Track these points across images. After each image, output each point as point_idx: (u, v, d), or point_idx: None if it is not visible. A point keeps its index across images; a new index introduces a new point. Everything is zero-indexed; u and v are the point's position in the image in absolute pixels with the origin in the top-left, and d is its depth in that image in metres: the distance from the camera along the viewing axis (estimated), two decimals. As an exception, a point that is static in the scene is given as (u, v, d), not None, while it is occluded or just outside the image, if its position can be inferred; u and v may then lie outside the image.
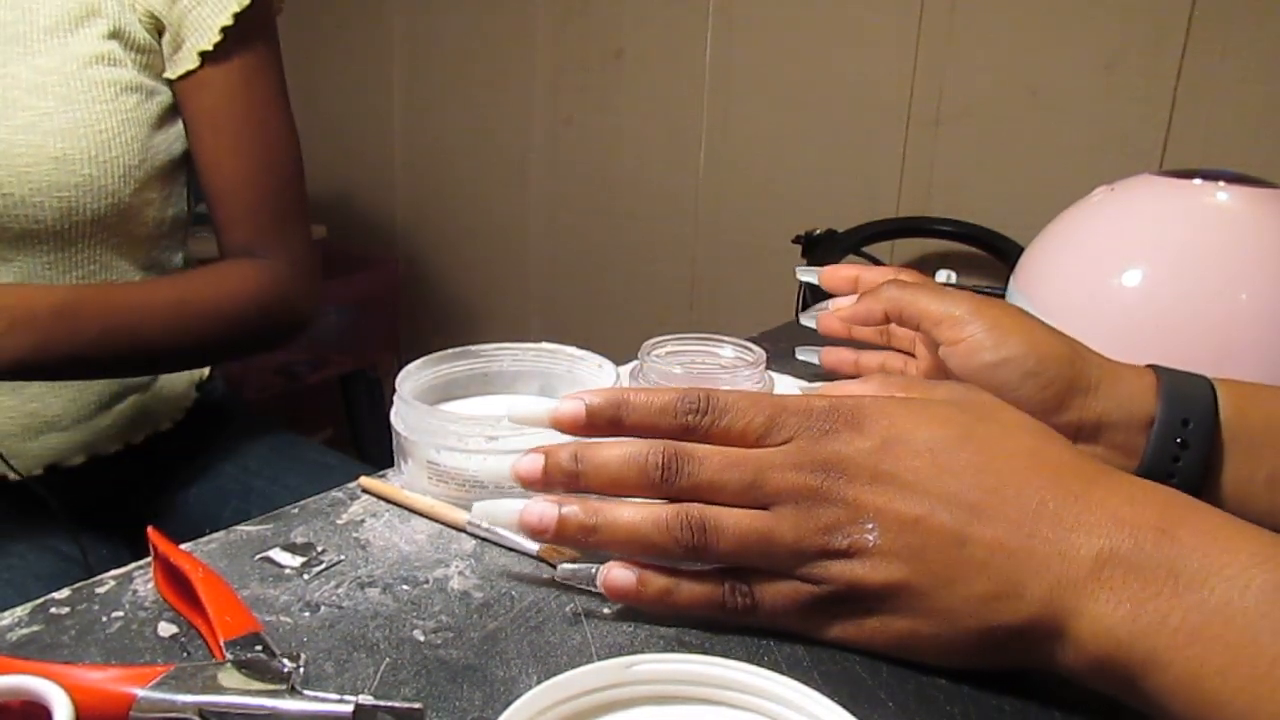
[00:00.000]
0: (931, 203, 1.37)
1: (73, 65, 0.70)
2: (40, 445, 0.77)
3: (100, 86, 0.72)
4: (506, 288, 1.94)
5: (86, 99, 0.71)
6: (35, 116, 0.69)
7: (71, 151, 0.70)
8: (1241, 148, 1.13)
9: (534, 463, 0.40)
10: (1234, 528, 0.33)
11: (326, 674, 0.36)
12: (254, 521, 0.48)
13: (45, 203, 0.70)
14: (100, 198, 0.73)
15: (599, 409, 0.40)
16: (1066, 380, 0.45)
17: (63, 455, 0.79)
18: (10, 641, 0.38)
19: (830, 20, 1.41)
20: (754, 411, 0.39)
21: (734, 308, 1.61)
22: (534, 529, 0.40)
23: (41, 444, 0.77)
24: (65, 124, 0.70)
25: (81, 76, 0.71)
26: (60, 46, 0.70)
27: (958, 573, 0.35)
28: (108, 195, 0.73)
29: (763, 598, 0.38)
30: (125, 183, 0.73)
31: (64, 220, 0.72)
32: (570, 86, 1.73)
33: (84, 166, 0.71)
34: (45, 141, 0.69)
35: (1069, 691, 0.36)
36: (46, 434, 0.77)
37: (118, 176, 0.73)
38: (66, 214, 0.72)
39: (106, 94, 0.72)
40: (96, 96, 0.71)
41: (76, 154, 0.70)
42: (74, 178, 0.71)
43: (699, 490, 0.38)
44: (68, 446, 0.79)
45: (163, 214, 0.79)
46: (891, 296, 0.53)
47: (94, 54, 0.72)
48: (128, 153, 0.73)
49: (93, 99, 0.71)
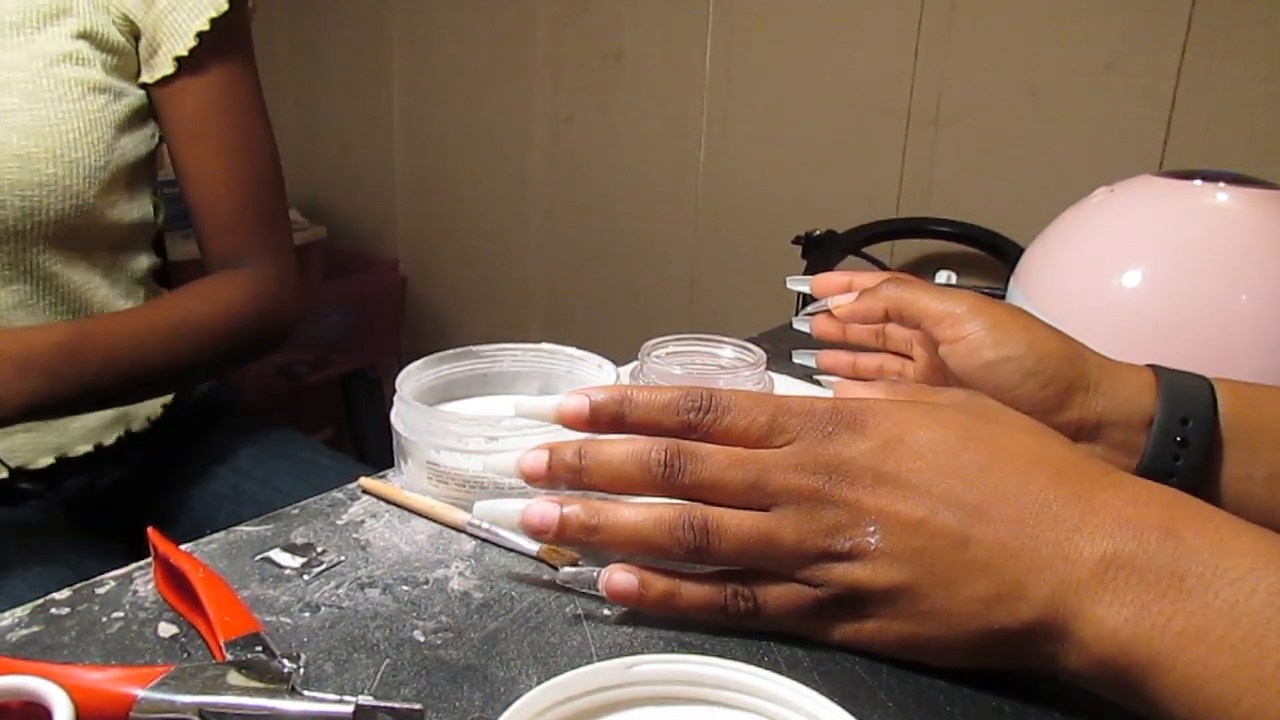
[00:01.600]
0: (931, 203, 1.37)
1: (39, 63, 0.70)
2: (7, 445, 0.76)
3: (66, 85, 0.71)
4: (506, 288, 1.94)
5: (52, 97, 0.70)
6: None
7: (35, 150, 0.69)
8: (1241, 148, 1.13)
9: (538, 458, 0.41)
10: (1239, 529, 0.33)
11: (326, 674, 0.36)
12: (254, 522, 0.48)
13: (7, 201, 0.69)
14: (64, 198, 0.72)
15: (602, 405, 0.40)
16: (1067, 379, 0.45)
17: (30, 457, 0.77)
18: (10, 641, 0.38)
19: (830, 20, 1.41)
20: (757, 411, 0.39)
21: (734, 308, 1.61)
22: (535, 529, 0.40)
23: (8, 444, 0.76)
24: (29, 121, 0.69)
25: (48, 74, 0.70)
26: (26, 43, 0.70)
27: (960, 574, 0.35)
28: (71, 196, 0.72)
29: (765, 601, 0.38)
30: (89, 184, 0.73)
31: (25, 220, 0.71)
32: (570, 86, 1.73)
33: (48, 165, 0.70)
34: (8, 139, 0.68)
35: (1069, 692, 0.36)
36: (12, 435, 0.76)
37: (82, 177, 0.72)
38: (28, 213, 0.71)
39: (73, 93, 0.71)
40: (63, 95, 0.70)
41: (40, 152, 0.69)
42: (37, 176, 0.70)
43: (701, 489, 0.38)
44: (34, 447, 0.77)
45: (126, 216, 0.78)
46: (891, 294, 0.53)
47: (61, 52, 0.71)
48: (93, 153, 0.72)
49: (59, 97, 0.70)
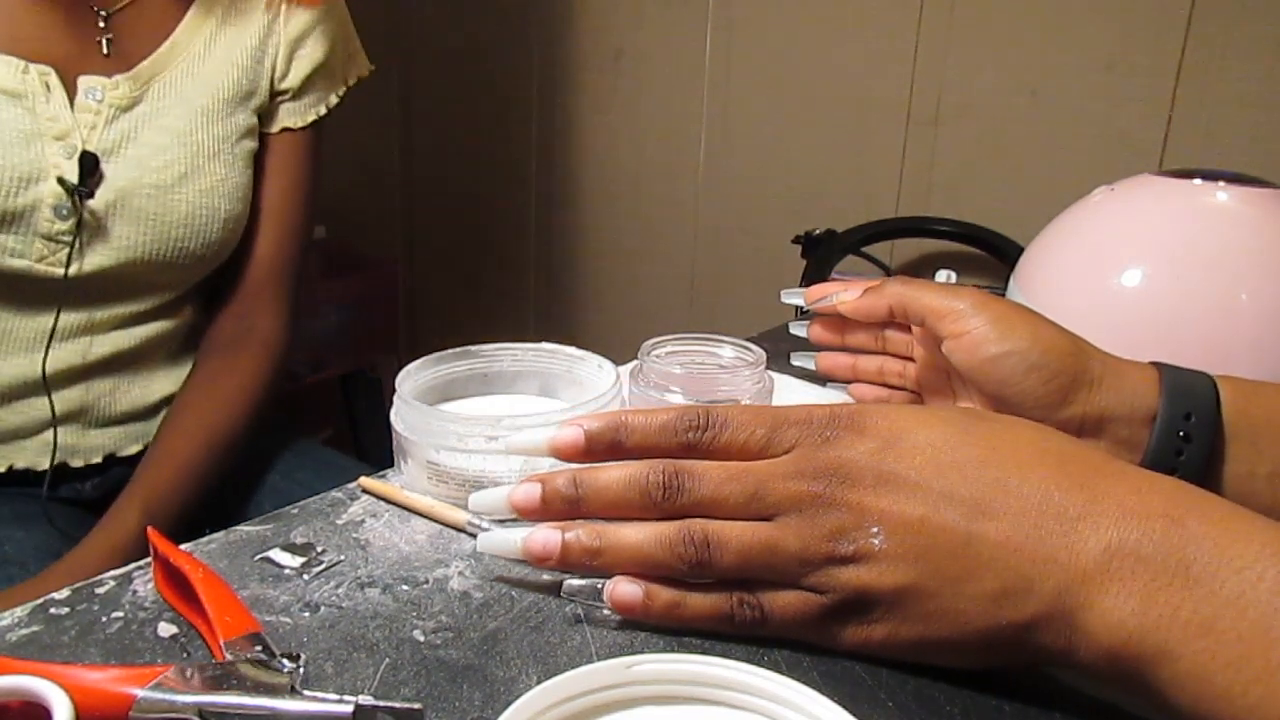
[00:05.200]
0: (931, 203, 1.37)
1: (235, 136, 0.80)
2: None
3: (247, 156, 0.82)
4: (506, 288, 1.94)
5: (241, 164, 0.81)
6: (214, 181, 0.78)
7: (232, 212, 0.80)
8: (1241, 148, 1.12)
9: (530, 492, 0.40)
10: (1243, 518, 0.33)
11: (326, 674, 0.36)
12: (254, 521, 0.48)
13: (206, 255, 0.80)
14: (230, 247, 0.83)
15: (598, 434, 0.40)
16: (1070, 374, 0.45)
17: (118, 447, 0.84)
18: (10, 641, 0.38)
19: (830, 20, 1.40)
20: (755, 424, 0.38)
21: (734, 308, 1.61)
22: (538, 557, 0.39)
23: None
24: (231, 188, 0.80)
25: (240, 146, 0.81)
26: (229, 118, 0.80)
27: (965, 572, 0.34)
28: (234, 243, 0.83)
29: (772, 609, 0.38)
30: (241, 232, 0.83)
31: (208, 267, 0.82)
32: (570, 86, 1.73)
33: (236, 224, 0.81)
34: (219, 204, 0.79)
35: (1070, 692, 0.36)
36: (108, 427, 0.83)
37: (241, 229, 0.83)
38: (211, 263, 0.82)
39: (250, 162, 0.82)
40: (246, 163, 0.82)
41: (234, 214, 0.81)
42: (230, 235, 0.81)
43: (701, 507, 0.38)
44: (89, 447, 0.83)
45: None
46: (894, 292, 0.53)
47: (248, 127, 0.82)
48: (248, 208, 0.83)
49: (244, 165, 0.81)
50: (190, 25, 0.79)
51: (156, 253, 0.77)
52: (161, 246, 0.77)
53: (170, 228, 0.76)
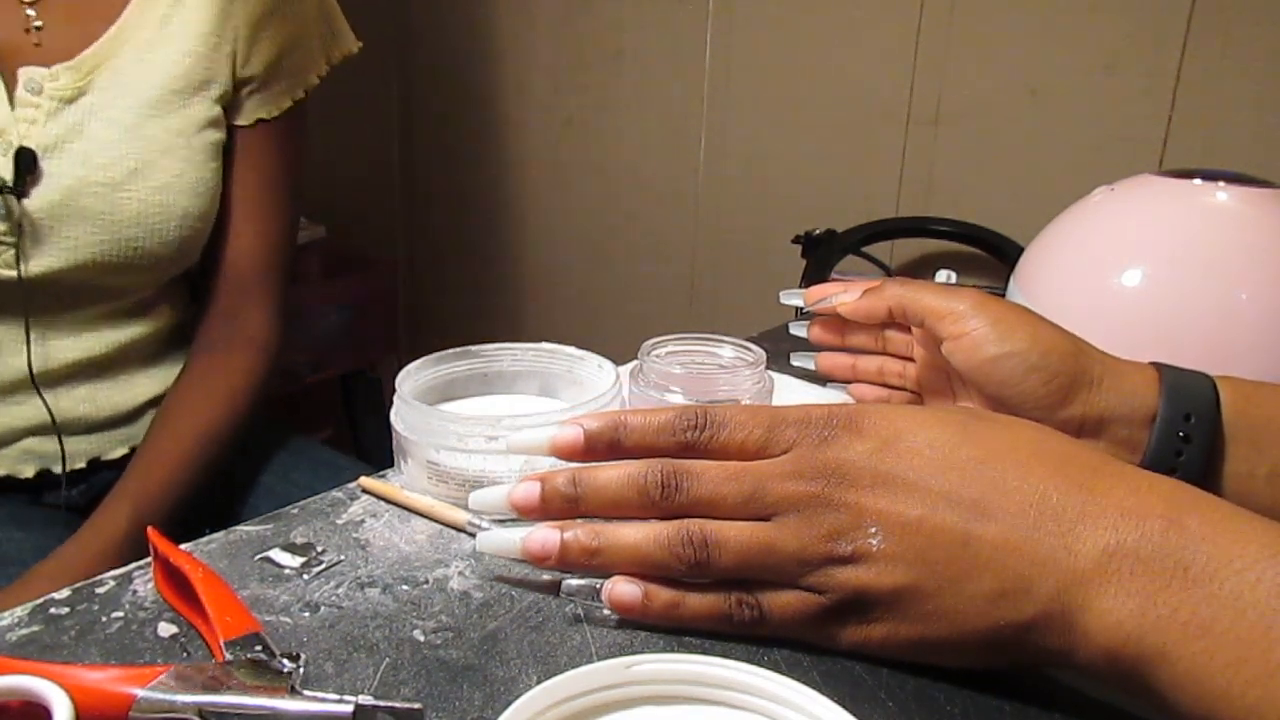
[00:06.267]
0: (931, 203, 1.37)
1: (192, 128, 0.75)
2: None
3: (210, 149, 0.77)
4: (506, 288, 1.94)
5: (202, 158, 0.76)
6: (169, 178, 0.74)
7: (192, 209, 0.76)
8: (1241, 148, 1.12)
9: (530, 490, 0.40)
10: (1242, 519, 0.33)
11: (326, 674, 0.36)
12: (254, 521, 0.48)
13: (167, 255, 0.76)
14: (199, 246, 0.79)
15: (597, 433, 0.40)
16: (1070, 374, 0.45)
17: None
18: (10, 641, 0.38)
19: (830, 20, 1.40)
20: (753, 424, 0.39)
21: (734, 308, 1.61)
22: (537, 556, 0.40)
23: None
24: (190, 183, 0.75)
25: (199, 138, 0.76)
26: (182, 109, 0.75)
27: (963, 572, 0.35)
28: (202, 241, 0.79)
29: (770, 609, 0.38)
30: (209, 228, 0.80)
31: (176, 267, 0.79)
32: (570, 86, 1.72)
33: (199, 222, 0.77)
34: (175, 201, 0.74)
35: (1069, 692, 0.36)
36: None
37: (209, 226, 0.79)
38: (179, 262, 0.78)
39: (213, 155, 0.77)
40: (208, 156, 0.77)
41: (195, 211, 0.76)
42: (193, 233, 0.77)
43: (700, 506, 0.38)
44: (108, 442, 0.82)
45: None
46: (894, 293, 0.53)
47: (207, 118, 0.76)
48: (216, 204, 0.79)
49: (205, 159, 0.76)
50: (138, 8, 0.73)
51: (109, 253, 0.72)
52: (113, 247, 0.72)
53: (121, 227, 0.72)
